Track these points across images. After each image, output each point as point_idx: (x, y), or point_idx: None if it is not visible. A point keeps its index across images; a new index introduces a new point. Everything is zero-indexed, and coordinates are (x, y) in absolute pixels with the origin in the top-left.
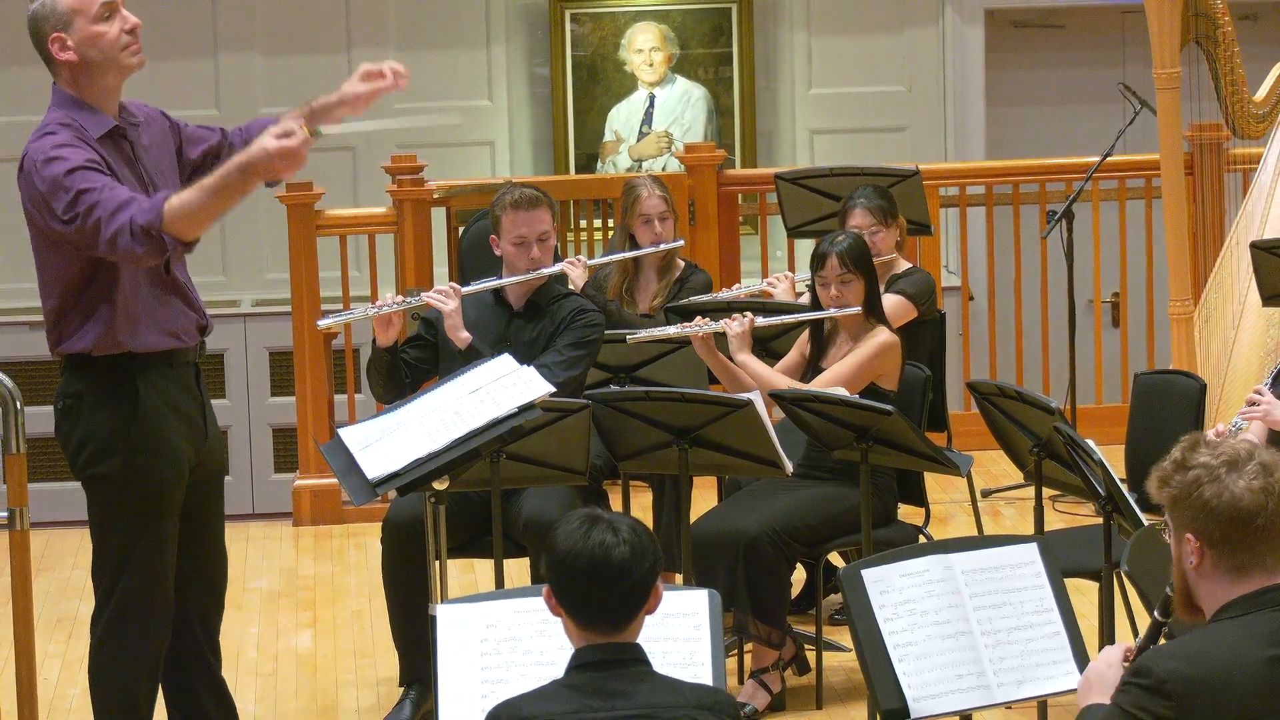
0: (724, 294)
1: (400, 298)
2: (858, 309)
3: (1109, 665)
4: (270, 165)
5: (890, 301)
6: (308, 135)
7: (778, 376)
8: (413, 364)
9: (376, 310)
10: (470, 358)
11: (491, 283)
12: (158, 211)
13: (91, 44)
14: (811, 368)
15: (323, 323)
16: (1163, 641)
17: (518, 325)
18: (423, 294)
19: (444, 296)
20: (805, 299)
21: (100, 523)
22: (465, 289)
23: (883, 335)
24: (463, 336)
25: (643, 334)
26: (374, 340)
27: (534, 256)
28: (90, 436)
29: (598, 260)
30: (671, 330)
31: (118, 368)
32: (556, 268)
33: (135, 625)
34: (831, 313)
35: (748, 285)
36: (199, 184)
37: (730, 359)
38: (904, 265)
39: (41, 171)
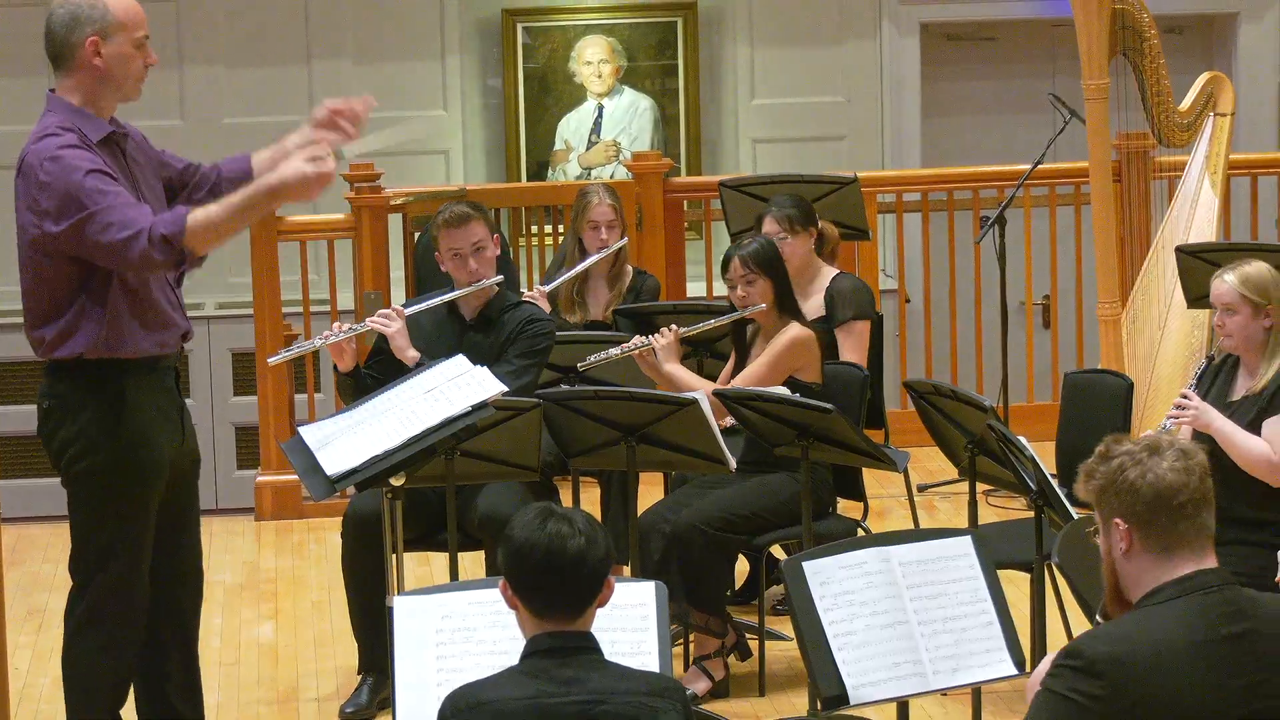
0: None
1: (346, 326)
2: (763, 306)
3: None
4: (305, 188)
5: (849, 339)
6: (336, 161)
7: (705, 382)
8: (377, 378)
9: (324, 341)
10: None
11: (432, 300)
12: (181, 224)
13: (121, 63)
14: (739, 369)
15: (273, 359)
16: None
17: (471, 336)
18: (367, 320)
19: (386, 320)
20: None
21: (83, 519)
22: (408, 309)
23: (792, 331)
24: (410, 355)
25: (591, 359)
26: (334, 368)
27: (472, 269)
28: (76, 436)
29: (551, 285)
30: (615, 352)
31: (104, 370)
32: (498, 278)
33: (110, 619)
34: (743, 312)
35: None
36: (224, 201)
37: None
38: (829, 272)
39: (48, 168)
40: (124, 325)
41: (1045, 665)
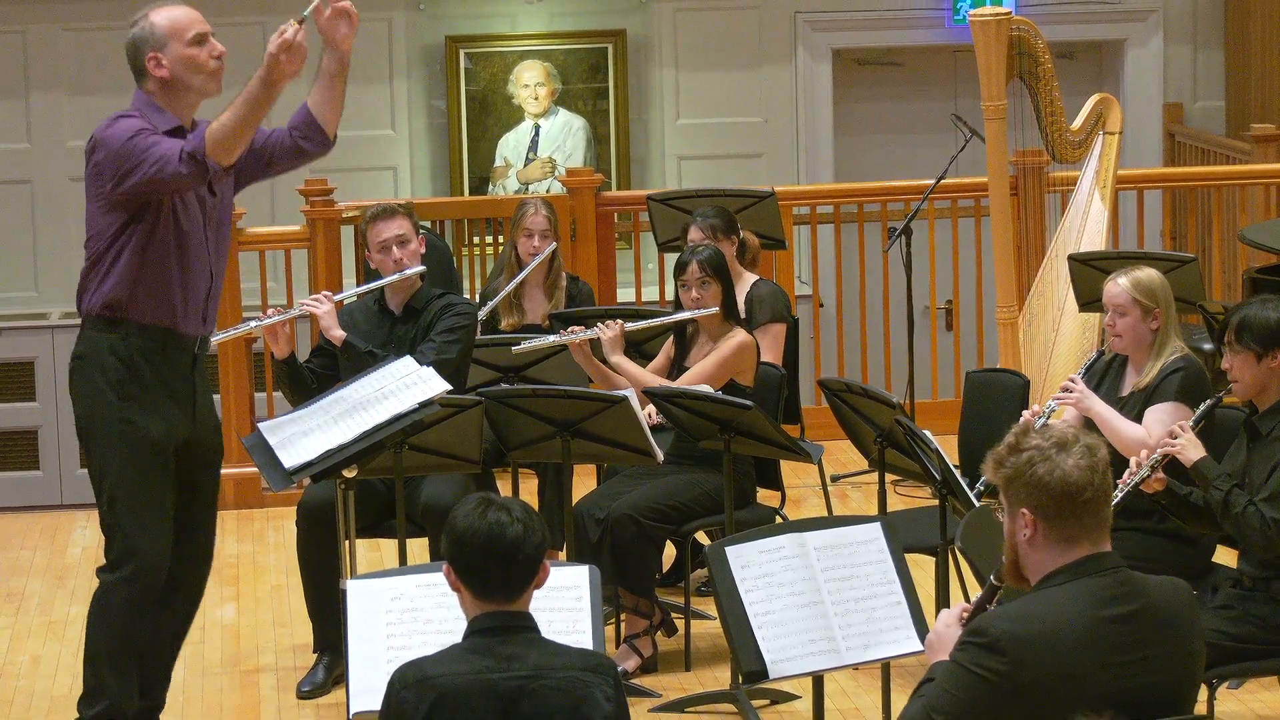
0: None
1: (282, 309)
2: (715, 309)
3: (947, 626)
4: (278, 65)
5: (766, 340)
6: (298, 26)
7: (647, 375)
8: (318, 372)
9: (259, 323)
10: (348, 353)
11: (362, 288)
12: (201, 138)
13: (184, 64)
14: (677, 366)
15: (216, 337)
16: (996, 603)
17: (399, 329)
18: (299, 304)
19: (316, 302)
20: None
21: (97, 475)
22: (338, 296)
23: (740, 336)
24: (337, 335)
25: (526, 344)
26: (272, 355)
27: (397, 259)
28: (86, 394)
29: (487, 307)
30: (552, 338)
31: (108, 332)
32: (420, 268)
33: (130, 576)
34: (692, 314)
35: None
36: (231, 105)
37: (604, 362)
38: (750, 278)
39: (106, 134)
40: (140, 290)
41: (943, 618)
